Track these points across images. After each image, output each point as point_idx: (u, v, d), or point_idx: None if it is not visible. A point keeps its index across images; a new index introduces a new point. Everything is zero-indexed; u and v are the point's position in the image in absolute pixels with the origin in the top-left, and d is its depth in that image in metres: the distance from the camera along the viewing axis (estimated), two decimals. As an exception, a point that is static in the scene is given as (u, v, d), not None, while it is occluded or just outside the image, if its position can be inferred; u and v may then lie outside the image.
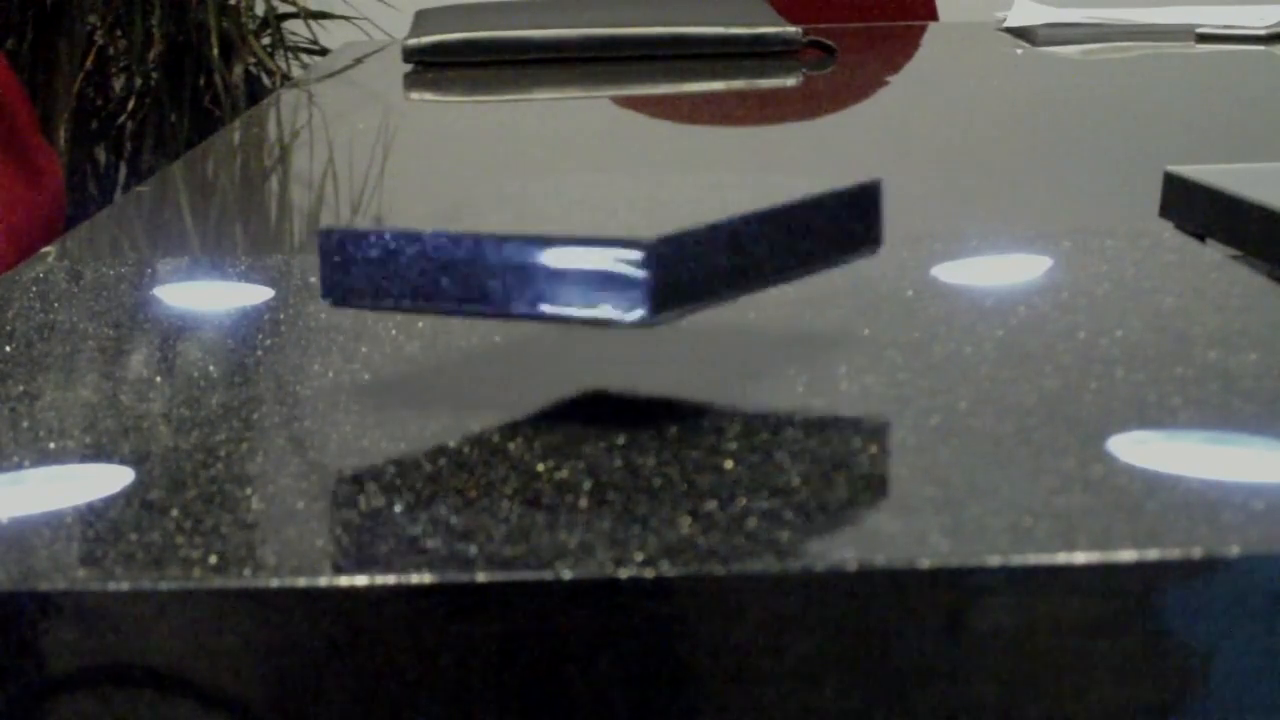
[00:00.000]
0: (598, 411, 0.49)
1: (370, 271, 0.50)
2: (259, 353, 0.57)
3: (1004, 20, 1.79)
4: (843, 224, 0.54)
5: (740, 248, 0.50)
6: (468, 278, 0.48)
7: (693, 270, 0.48)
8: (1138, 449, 0.45)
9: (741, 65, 1.47)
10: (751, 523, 0.40)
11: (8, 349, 0.59)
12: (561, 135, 1.12)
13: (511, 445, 0.47)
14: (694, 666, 0.38)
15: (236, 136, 1.24)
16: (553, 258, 0.47)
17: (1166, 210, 0.78)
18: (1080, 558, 0.38)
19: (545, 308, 0.48)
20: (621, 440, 0.47)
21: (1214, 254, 0.68)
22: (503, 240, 0.48)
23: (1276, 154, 0.98)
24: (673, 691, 0.38)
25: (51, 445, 0.48)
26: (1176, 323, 0.57)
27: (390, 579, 0.38)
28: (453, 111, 1.27)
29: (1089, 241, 0.70)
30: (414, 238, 0.49)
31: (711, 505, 0.42)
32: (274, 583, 0.38)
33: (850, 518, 0.41)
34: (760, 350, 0.56)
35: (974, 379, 0.52)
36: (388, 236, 0.49)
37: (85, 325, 0.62)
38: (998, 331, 0.57)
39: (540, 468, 0.45)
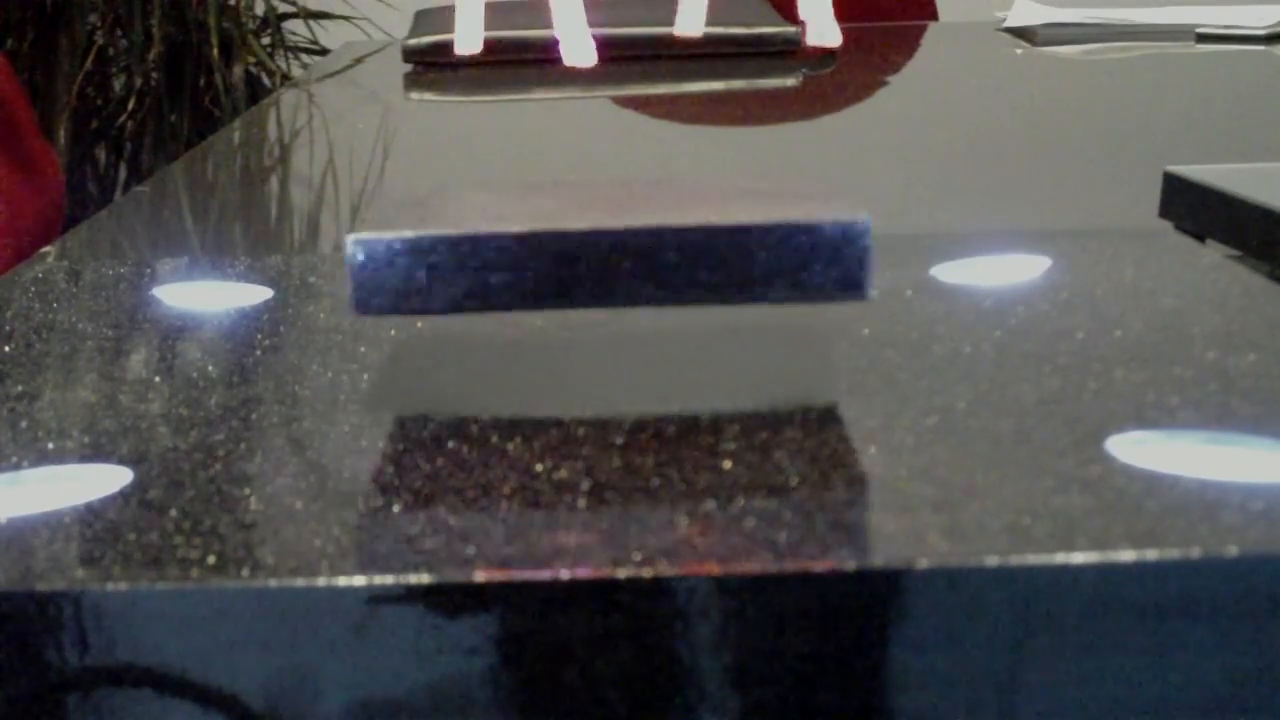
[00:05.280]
0: (596, 411, 0.49)
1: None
2: (258, 353, 0.57)
3: (1004, 20, 1.79)
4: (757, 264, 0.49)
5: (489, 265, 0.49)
6: None
7: (400, 276, 0.48)
8: (1137, 449, 0.45)
9: (741, 65, 1.47)
10: (750, 523, 0.40)
11: (7, 349, 0.59)
12: (561, 135, 1.12)
13: (510, 445, 0.47)
14: (692, 667, 0.38)
15: (236, 136, 1.24)
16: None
17: (1166, 210, 0.78)
18: (1079, 558, 0.38)
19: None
20: (620, 440, 0.47)
21: (1214, 254, 0.68)
22: None
23: (1276, 154, 0.98)
24: (671, 691, 0.38)
25: (50, 445, 0.48)
26: (1176, 323, 0.57)
27: (389, 579, 0.38)
28: (453, 111, 1.27)
29: (1089, 241, 0.70)
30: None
31: (710, 505, 0.42)
32: (272, 583, 0.38)
33: (848, 518, 0.41)
34: (759, 350, 0.56)
35: (972, 379, 0.52)
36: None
37: (84, 325, 0.62)
38: (996, 331, 0.57)
39: (539, 468, 0.45)
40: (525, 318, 0.60)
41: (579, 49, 0.54)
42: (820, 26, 0.54)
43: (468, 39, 0.55)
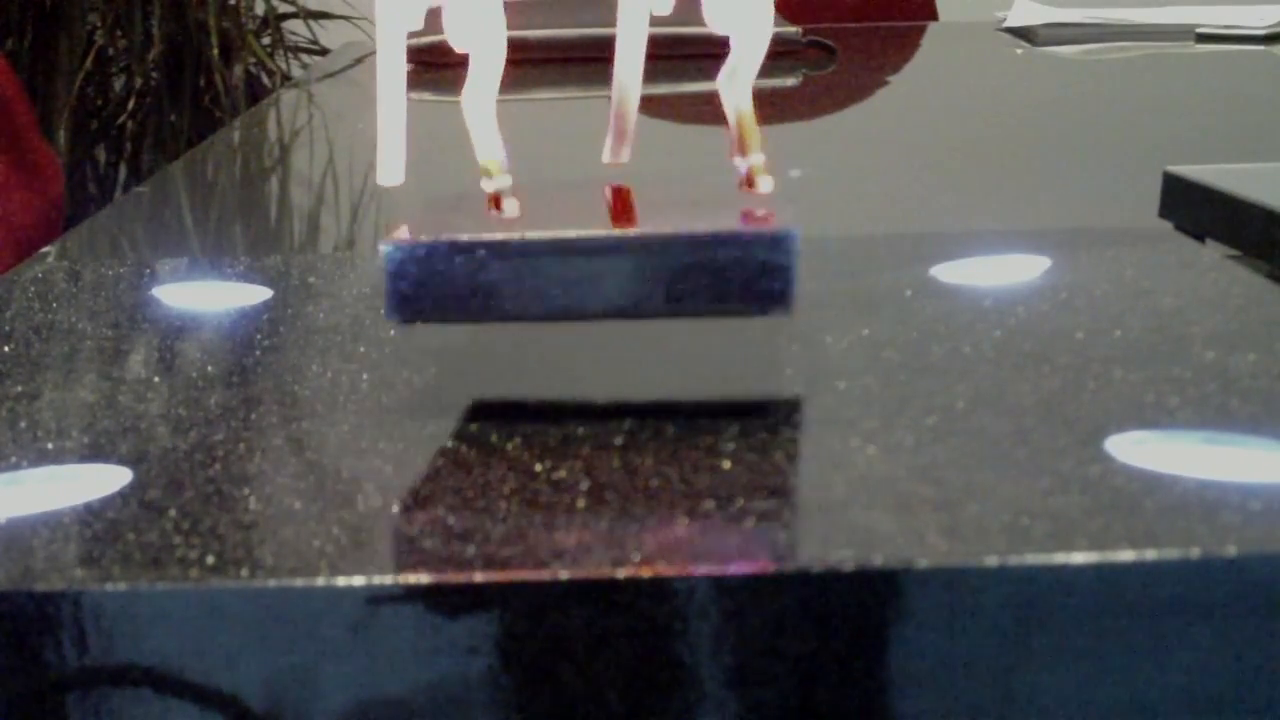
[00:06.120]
0: (595, 411, 0.49)
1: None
2: (257, 353, 0.57)
3: (1004, 20, 1.79)
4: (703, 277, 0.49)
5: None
6: None
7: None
8: (1136, 449, 0.45)
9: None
10: (750, 523, 0.40)
11: (7, 349, 0.59)
12: (561, 135, 1.11)
13: (509, 445, 0.47)
14: (691, 667, 0.38)
15: (236, 136, 1.24)
16: None
17: (1166, 210, 0.78)
18: (1078, 558, 0.38)
19: None
20: (619, 440, 0.47)
21: (1213, 254, 0.68)
22: None
23: (1276, 154, 0.98)
24: (670, 692, 0.38)
25: (50, 445, 0.48)
26: (1175, 323, 0.57)
27: (387, 579, 0.38)
28: (453, 111, 1.27)
29: (1088, 241, 0.70)
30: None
31: (709, 505, 0.42)
32: (272, 583, 0.38)
33: (848, 518, 0.41)
34: (758, 350, 0.56)
35: (972, 379, 0.52)
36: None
37: (84, 325, 0.62)
38: (996, 331, 0.57)
39: (538, 468, 0.45)
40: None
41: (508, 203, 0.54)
42: (757, 173, 0.54)
43: (390, 170, 0.54)
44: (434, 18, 0.61)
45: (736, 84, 0.54)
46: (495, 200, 0.53)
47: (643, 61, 0.56)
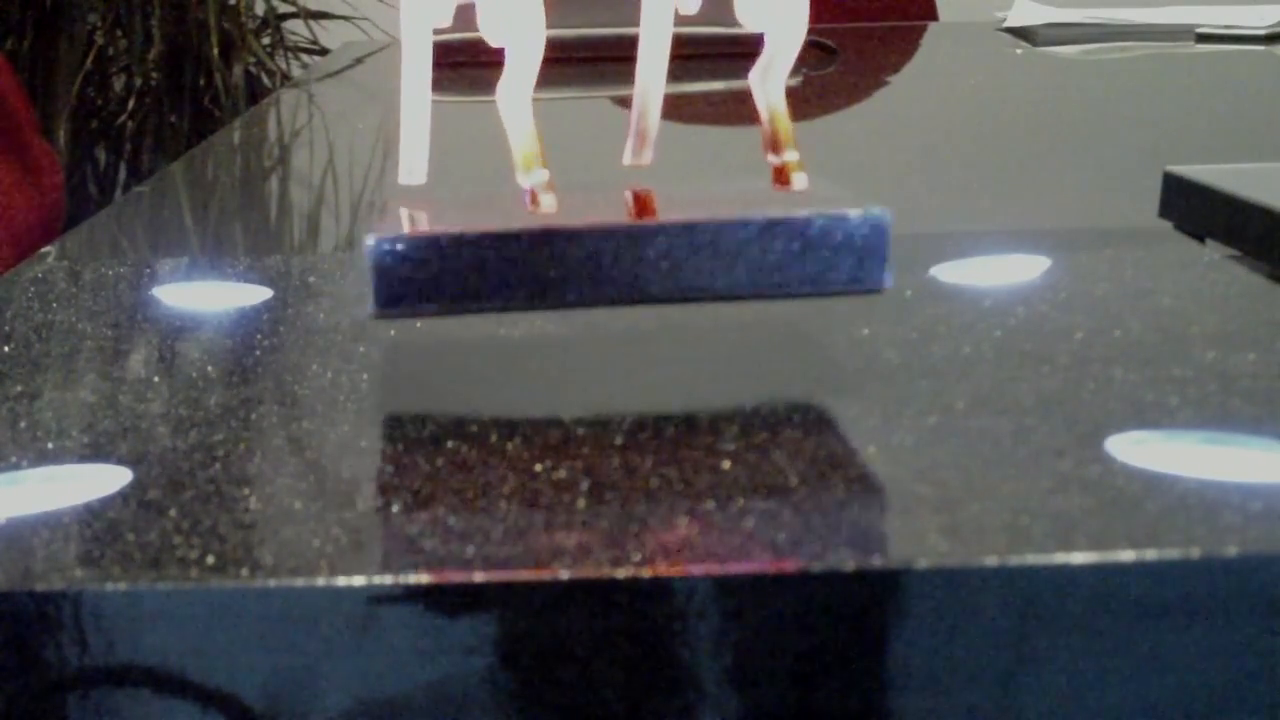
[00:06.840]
0: (595, 412, 0.49)
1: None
2: (257, 353, 0.57)
3: (1004, 20, 1.79)
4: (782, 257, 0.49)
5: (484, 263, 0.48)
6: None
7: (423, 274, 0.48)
8: (1136, 449, 0.45)
9: (742, 65, 1.47)
10: (749, 523, 0.40)
11: (6, 349, 0.59)
12: (561, 135, 1.11)
13: (509, 445, 0.47)
14: (691, 667, 0.38)
15: (236, 136, 1.24)
16: None
17: (1166, 210, 0.78)
18: (1078, 558, 0.38)
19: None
20: (619, 440, 0.47)
21: (1213, 254, 0.68)
22: None
23: (1276, 154, 0.98)
24: (671, 691, 0.38)
25: (49, 445, 0.48)
26: (1175, 323, 0.57)
27: (387, 579, 0.38)
28: (453, 111, 1.27)
29: (1088, 241, 0.70)
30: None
31: (709, 505, 0.42)
32: (272, 583, 0.38)
33: (848, 518, 0.41)
34: (758, 350, 0.56)
35: (972, 379, 0.52)
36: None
37: (84, 325, 0.62)
38: (996, 331, 0.57)
39: (538, 468, 0.45)
40: (525, 318, 0.60)
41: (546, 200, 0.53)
42: (791, 169, 0.54)
43: (413, 169, 0.54)
44: (460, 14, 0.60)
45: (770, 80, 0.54)
46: (533, 195, 0.52)
47: (666, 61, 0.55)
